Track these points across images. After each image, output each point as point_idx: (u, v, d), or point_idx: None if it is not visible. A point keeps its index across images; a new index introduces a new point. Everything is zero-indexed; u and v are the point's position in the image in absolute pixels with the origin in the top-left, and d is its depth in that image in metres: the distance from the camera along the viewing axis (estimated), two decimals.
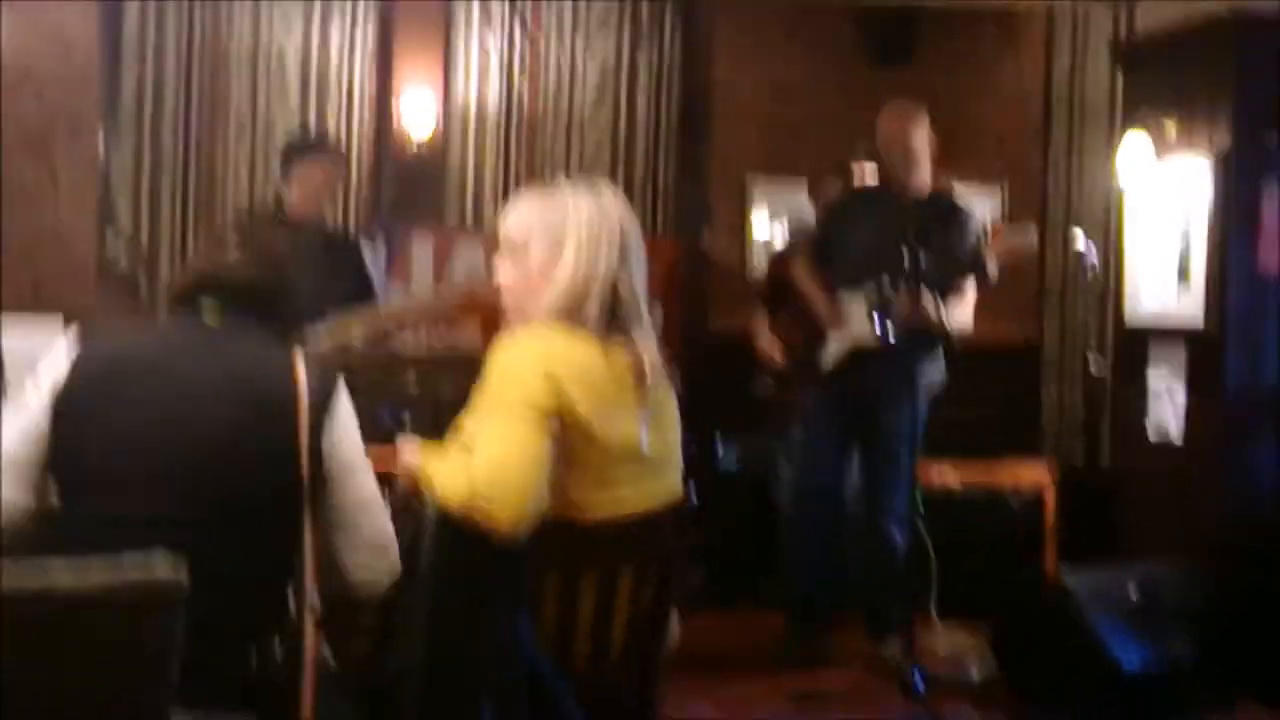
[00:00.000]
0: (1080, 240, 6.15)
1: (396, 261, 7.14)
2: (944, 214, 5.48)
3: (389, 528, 2.81)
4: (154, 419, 2.59)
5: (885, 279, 5.32)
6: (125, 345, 2.73)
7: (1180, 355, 5.72)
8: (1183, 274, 5.75)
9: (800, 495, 5.80)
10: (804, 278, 5.79)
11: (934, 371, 5.56)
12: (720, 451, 6.90)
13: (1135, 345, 6.01)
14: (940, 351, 5.54)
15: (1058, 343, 7.73)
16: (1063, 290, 7.68)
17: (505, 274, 3.10)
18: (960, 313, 5.47)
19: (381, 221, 7.43)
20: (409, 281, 7.16)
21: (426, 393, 4.44)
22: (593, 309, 2.95)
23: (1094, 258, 6.04)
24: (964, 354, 5.47)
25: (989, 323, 7.31)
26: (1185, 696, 4.82)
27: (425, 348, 5.33)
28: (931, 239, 5.35)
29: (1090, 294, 6.64)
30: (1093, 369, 6.14)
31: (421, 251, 7.34)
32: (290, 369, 2.67)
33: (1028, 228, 5.96)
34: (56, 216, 7.13)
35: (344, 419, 2.74)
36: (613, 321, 2.98)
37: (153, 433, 2.58)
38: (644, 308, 3.04)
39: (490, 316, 3.25)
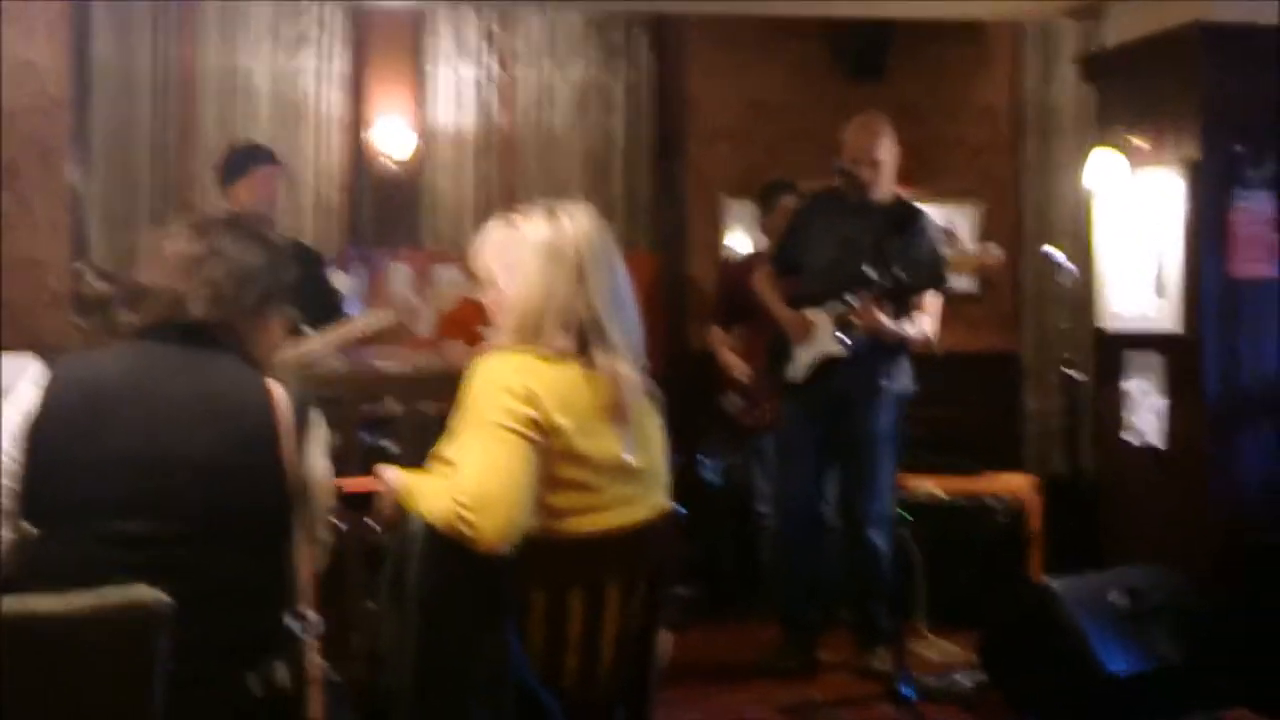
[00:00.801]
0: (1054, 253, 6.19)
1: (374, 285, 7.13)
2: (905, 223, 5.53)
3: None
4: (134, 441, 2.57)
5: (849, 292, 5.38)
6: (98, 370, 2.70)
7: (1157, 361, 5.75)
8: (1158, 282, 5.78)
9: (781, 507, 5.83)
10: (765, 288, 5.84)
11: (903, 378, 5.62)
12: (704, 465, 6.91)
13: (1112, 353, 6.04)
14: (906, 359, 5.59)
15: (1035, 352, 7.77)
16: (1039, 300, 7.73)
17: (483, 295, 3.15)
18: (923, 321, 5.51)
19: (358, 246, 7.43)
20: (387, 305, 7.14)
21: (408, 412, 4.41)
22: (553, 332, 2.97)
23: (1069, 267, 6.05)
24: (945, 363, 5.48)
25: (969, 333, 7.37)
26: (1173, 699, 4.83)
27: (408, 367, 5.29)
28: (894, 249, 5.42)
29: (1066, 304, 6.67)
30: (1075, 376, 6.15)
31: (399, 275, 7.34)
32: (265, 388, 2.68)
33: (990, 246, 6.01)
34: (29, 246, 7.14)
35: (319, 438, 2.76)
36: (582, 347, 2.99)
37: (134, 455, 2.56)
38: (613, 327, 3.04)
39: (458, 328, 3.26)
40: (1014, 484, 6.44)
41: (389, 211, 7.64)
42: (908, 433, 5.65)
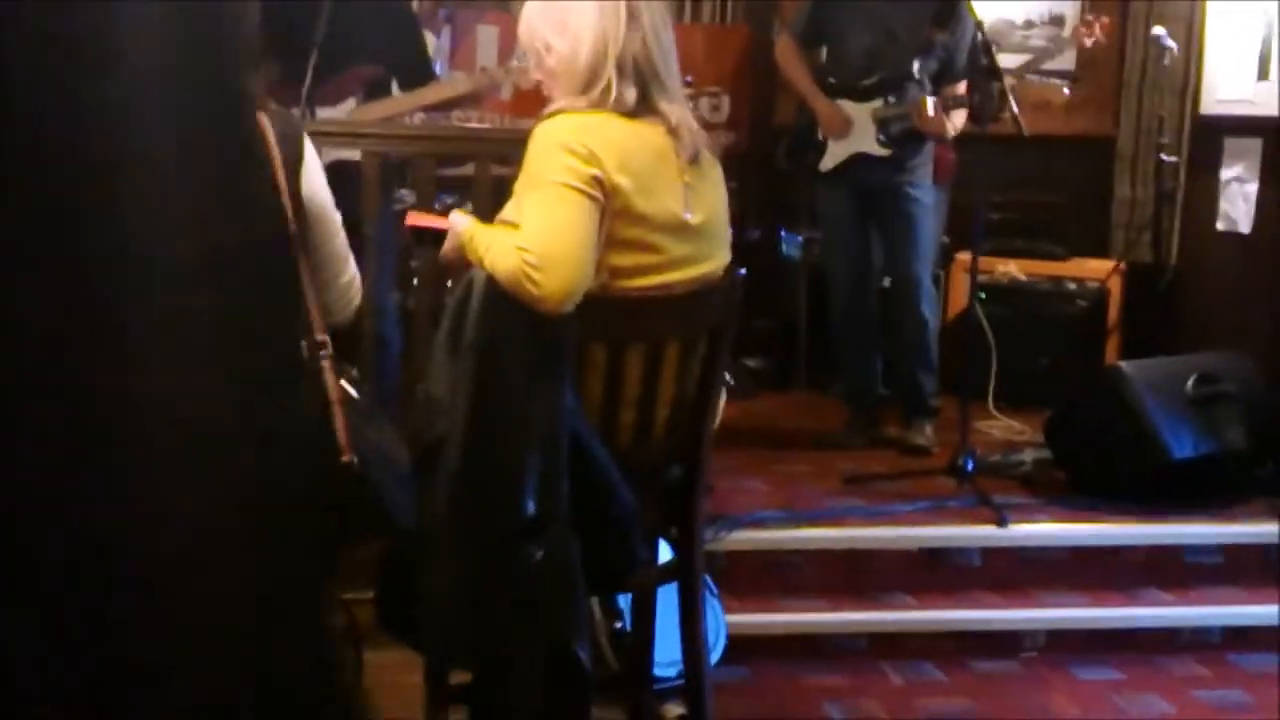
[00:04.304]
0: (1163, 35, 6.00)
1: (460, 49, 7.06)
2: (946, 13, 5.28)
3: (356, 272, 2.87)
4: None
5: (892, 91, 5.25)
6: None
7: (1255, 149, 5.61)
8: (1262, 67, 5.60)
9: (834, 285, 5.69)
10: (793, 65, 5.56)
11: (928, 155, 5.44)
12: (783, 239, 6.85)
13: (1210, 139, 5.89)
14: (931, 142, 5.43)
15: (1133, 136, 7.59)
16: (1140, 84, 7.52)
17: (536, 71, 3.13)
18: (959, 117, 5.27)
19: (445, 7, 7.34)
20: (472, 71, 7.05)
21: (486, 174, 4.38)
22: (616, 81, 2.95)
23: (1171, 44, 5.87)
24: (1037, 146, 5.32)
25: (1065, 116, 7.19)
26: (1234, 484, 4.81)
27: (487, 127, 5.25)
28: (935, 43, 5.22)
29: (1169, 89, 6.48)
30: (1169, 160, 5.99)
31: (486, 39, 7.26)
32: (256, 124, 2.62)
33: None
34: None
35: (314, 169, 2.74)
36: (643, 94, 2.98)
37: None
38: (672, 76, 3.04)
39: (536, 104, 3.20)
40: (1097, 270, 6.33)
41: None
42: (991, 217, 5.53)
